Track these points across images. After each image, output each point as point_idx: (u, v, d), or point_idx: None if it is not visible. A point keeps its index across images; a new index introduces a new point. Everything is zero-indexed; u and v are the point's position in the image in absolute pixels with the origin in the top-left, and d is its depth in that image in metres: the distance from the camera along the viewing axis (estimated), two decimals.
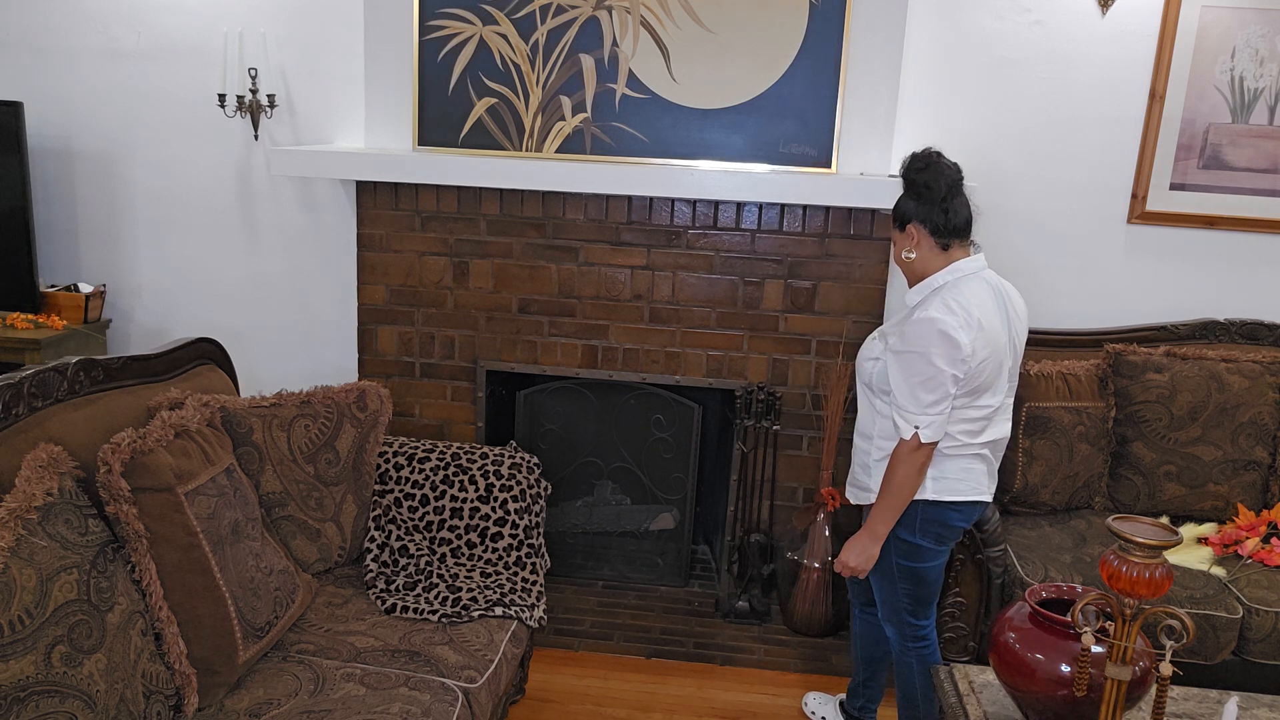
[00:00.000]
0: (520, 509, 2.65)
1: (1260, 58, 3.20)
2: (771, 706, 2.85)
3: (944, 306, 2.12)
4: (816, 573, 3.16)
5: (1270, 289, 3.39)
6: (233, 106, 3.35)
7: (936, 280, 2.21)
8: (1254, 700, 2.06)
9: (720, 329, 3.29)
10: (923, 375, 2.12)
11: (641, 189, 3.08)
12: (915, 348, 2.12)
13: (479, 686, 2.10)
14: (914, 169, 2.22)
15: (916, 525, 2.26)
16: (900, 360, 2.16)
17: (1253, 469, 3.04)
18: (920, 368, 2.12)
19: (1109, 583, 1.62)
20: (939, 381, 2.11)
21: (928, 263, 2.22)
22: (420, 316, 3.35)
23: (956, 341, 2.09)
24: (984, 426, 2.24)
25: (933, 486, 2.24)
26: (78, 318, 3.48)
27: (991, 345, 2.15)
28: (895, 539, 2.28)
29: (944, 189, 2.17)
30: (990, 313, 2.16)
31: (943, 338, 2.09)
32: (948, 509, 2.26)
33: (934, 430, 2.14)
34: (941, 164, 2.21)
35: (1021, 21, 3.25)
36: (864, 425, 2.36)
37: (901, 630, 2.40)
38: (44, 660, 1.49)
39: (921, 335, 2.12)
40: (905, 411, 2.15)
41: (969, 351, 2.10)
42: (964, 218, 2.20)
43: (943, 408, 2.13)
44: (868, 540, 2.26)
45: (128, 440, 1.83)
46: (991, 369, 2.17)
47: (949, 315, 2.10)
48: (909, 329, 2.16)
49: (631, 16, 3.12)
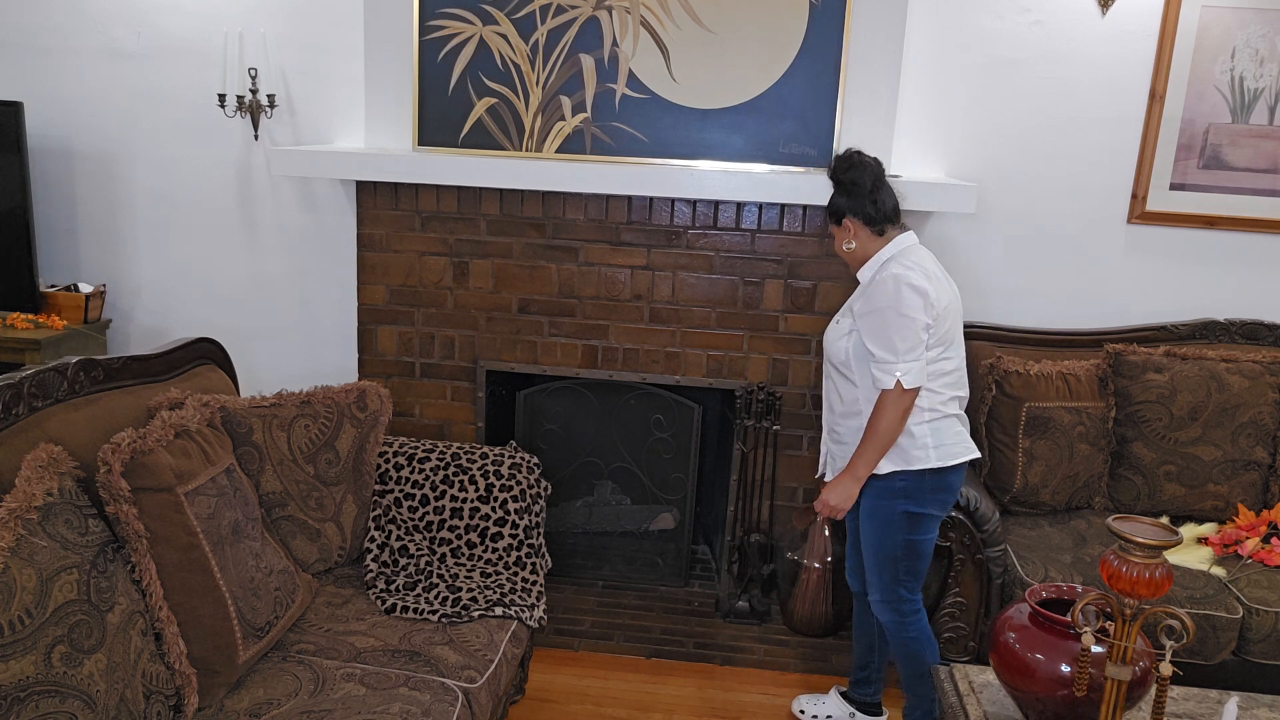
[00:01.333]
0: (520, 509, 2.65)
1: (1260, 58, 3.20)
2: (771, 706, 2.85)
3: (901, 265, 2.32)
4: (816, 573, 3.16)
5: (1270, 289, 3.39)
6: (233, 106, 3.35)
7: (883, 255, 2.39)
8: (1254, 700, 2.06)
9: (720, 329, 3.29)
10: (895, 326, 2.27)
11: (641, 189, 3.08)
12: (883, 304, 2.29)
13: (479, 686, 2.11)
14: (840, 169, 2.42)
15: (925, 495, 2.38)
16: (871, 319, 2.32)
17: (1253, 469, 3.04)
18: (891, 320, 2.28)
19: (1109, 583, 1.62)
20: (912, 329, 2.27)
21: (866, 248, 2.41)
22: (420, 316, 3.35)
23: (922, 289, 2.27)
24: (959, 379, 2.41)
25: (936, 454, 2.36)
26: (78, 318, 3.48)
27: (948, 296, 2.35)
28: (901, 515, 2.39)
29: (869, 183, 2.37)
30: (938, 270, 2.37)
31: (910, 288, 2.27)
32: (950, 473, 2.40)
33: (914, 376, 2.28)
34: (865, 161, 2.41)
35: (1021, 21, 3.25)
36: (850, 404, 2.44)
37: (899, 608, 2.46)
38: (44, 660, 1.49)
39: (887, 291, 2.29)
40: (884, 364, 2.29)
41: (934, 298, 2.29)
42: (891, 205, 2.40)
43: (918, 354, 2.28)
44: (849, 481, 2.39)
45: (128, 440, 1.83)
46: (953, 319, 2.36)
47: (908, 271, 2.29)
48: (875, 289, 2.33)
49: (631, 16, 3.12)
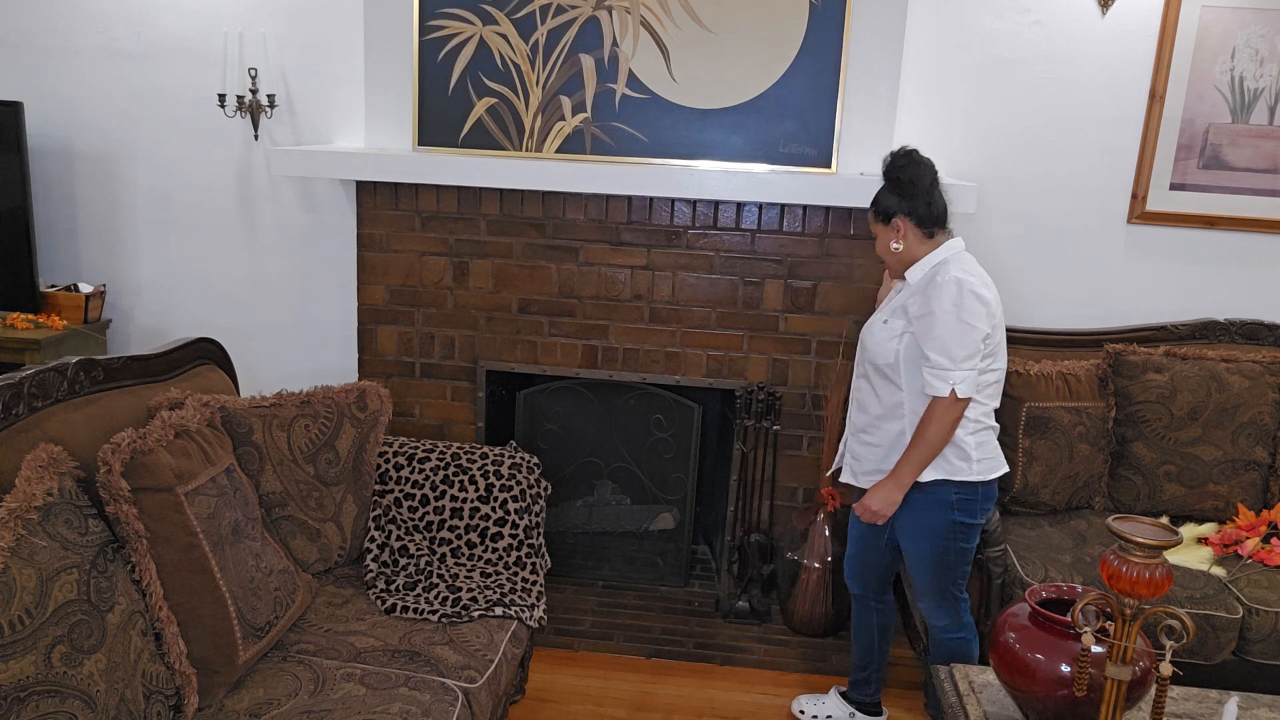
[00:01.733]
0: (520, 509, 2.65)
1: (1260, 58, 3.20)
2: (771, 706, 2.85)
3: (962, 270, 2.25)
4: (816, 573, 3.16)
5: (1270, 289, 3.39)
6: (233, 106, 3.35)
7: (935, 257, 2.33)
8: (1254, 700, 2.06)
9: (720, 329, 3.29)
10: (955, 333, 2.22)
11: (641, 189, 3.08)
12: (944, 308, 2.23)
13: (479, 686, 2.10)
14: (897, 166, 2.34)
15: (977, 506, 2.38)
16: (928, 322, 2.25)
17: (1253, 469, 3.04)
18: (951, 325, 2.22)
19: (1109, 583, 1.62)
20: (971, 338, 2.22)
21: (914, 251, 2.35)
22: (420, 316, 3.35)
23: (985, 298, 2.23)
24: (998, 391, 2.39)
25: (981, 467, 2.36)
26: (78, 318, 3.48)
27: (1000, 306, 2.32)
28: (954, 525, 2.37)
29: (927, 182, 2.31)
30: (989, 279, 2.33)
31: (974, 296, 2.22)
32: (994, 484, 2.41)
33: (968, 386, 2.24)
34: (923, 160, 2.34)
35: (1021, 21, 3.25)
36: (890, 408, 2.39)
37: (953, 609, 2.47)
38: (44, 660, 1.49)
39: (949, 295, 2.22)
40: (940, 370, 2.24)
41: (995, 308, 2.27)
42: (943, 207, 2.35)
43: (974, 363, 2.24)
44: (893, 487, 2.34)
45: (128, 440, 1.83)
46: (1001, 330, 2.33)
47: (970, 277, 2.24)
48: (935, 292, 2.25)
49: (631, 16, 3.12)
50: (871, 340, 2.41)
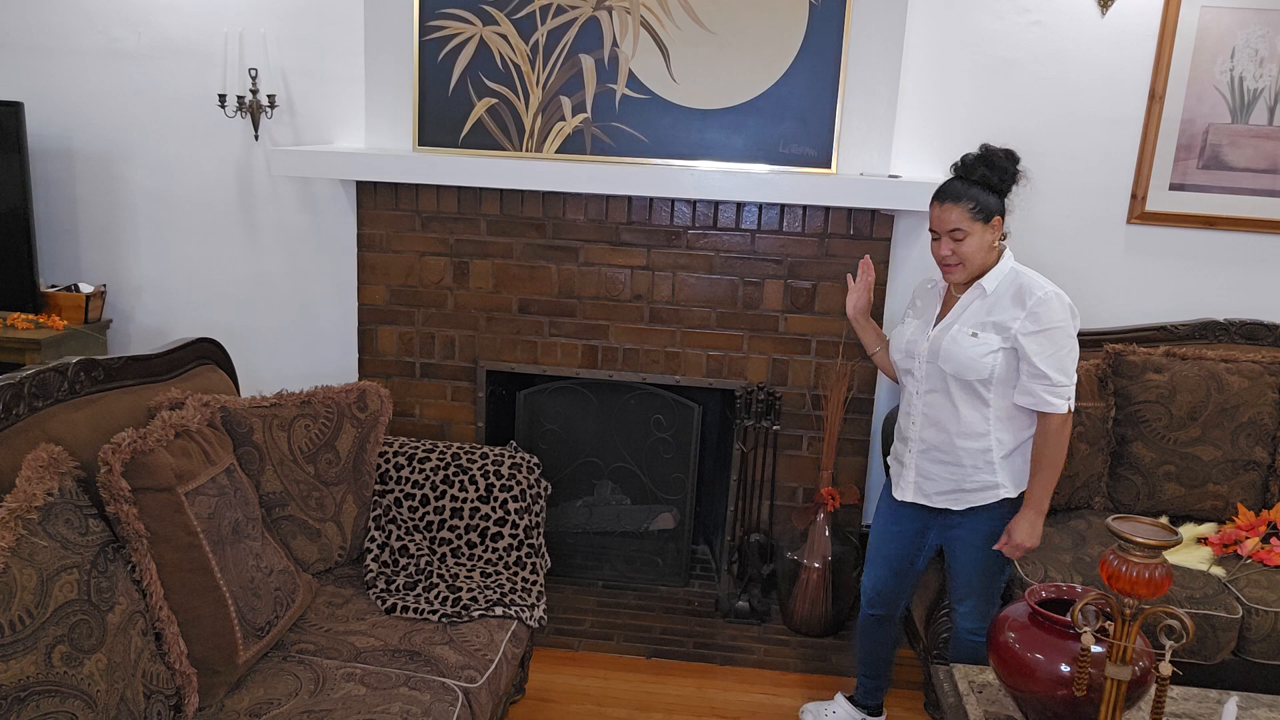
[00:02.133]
0: (520, 509, 2.65)
1: (1260, 58, 3.20)
2: (771, 706, 2.85)
3: (1048, 282, 2.24)
4: (816, 573, 3.17)
5: (1270, 289, 3.39)
6: (233, 106, 3.35)
7: (1005, 265, 2.29)
8: (1254, 700, 2.06)
9: (720, 329, 3.29)
10: (1068, 349, 2.22)
11: (641, 189, 3.08)
12: (1056, 324, 2.20)
13: (479, 686, 2.11)
14: (1012, 161, 2.28)
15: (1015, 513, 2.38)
16: (1042, 339, 2.21)
17: (1252, 469, 3.04)
18: (1063, 341, 2.21)
19: (1109, 583, 1.62)
20: (1076, 352, 2.24)
21: (989, 256, 2.28)
22: (420, 316, 3.35)
23: (1076, 313, 2.25)
24: None
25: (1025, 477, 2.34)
26: (78, 318, 3.49)
27: None
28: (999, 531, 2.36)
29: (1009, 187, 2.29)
30: None
31: (1071, 311, 2.23)
32: None
33: (1073, 400, 2.25)
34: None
35: (1021, 21, 3.25)
36: (971, 425, 2.31)
37: (987, 614, 2.45)
38: (44, 660, 1.49)
39: (1057, 310, 2.21)
40: (1058, 388, 2.21)
41: None
42: None
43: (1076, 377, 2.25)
44: (1036, 517, 2.30)
45: (128, 440, 1.83)
46: None
47: (1059, 290, 2.23)
48: (1043, 309, 2.20)
49: (631, 17, 3.12)
50: (960, 353, 2.26)
